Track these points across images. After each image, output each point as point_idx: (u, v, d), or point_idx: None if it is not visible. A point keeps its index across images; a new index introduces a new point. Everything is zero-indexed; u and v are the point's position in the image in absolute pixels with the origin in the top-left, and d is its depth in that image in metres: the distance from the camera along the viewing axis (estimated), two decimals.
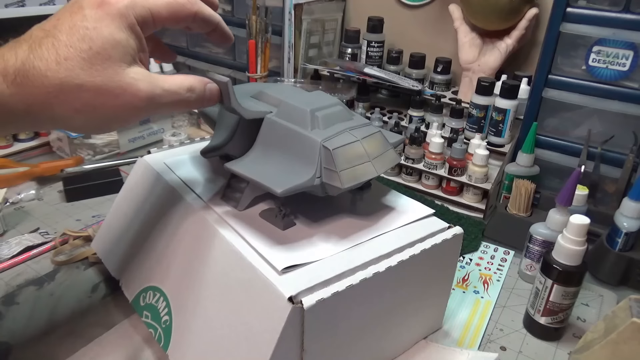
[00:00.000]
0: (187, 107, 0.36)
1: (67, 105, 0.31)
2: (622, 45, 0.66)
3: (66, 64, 0.30)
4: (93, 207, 0.73)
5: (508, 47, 0.83)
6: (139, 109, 0.33)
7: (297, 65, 0.98)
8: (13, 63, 0.30)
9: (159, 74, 0.34)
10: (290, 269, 0.38)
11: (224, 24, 0.40)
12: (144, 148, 0.91)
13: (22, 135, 0.88)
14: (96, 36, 0.31)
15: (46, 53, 0.30)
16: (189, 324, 0.42)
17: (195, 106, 0.36)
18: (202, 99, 0.36)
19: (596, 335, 0.45)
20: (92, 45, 0.31)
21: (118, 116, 0.32)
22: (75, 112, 0.31)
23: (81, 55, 0.30)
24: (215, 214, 0.45)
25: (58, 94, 0.30)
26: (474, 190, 0.74)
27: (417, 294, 0.46)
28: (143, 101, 0.32)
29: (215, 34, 0.40)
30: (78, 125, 0.33)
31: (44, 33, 0.31)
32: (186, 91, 0.35)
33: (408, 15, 0.99)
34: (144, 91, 0.32)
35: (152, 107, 0.33)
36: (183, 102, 0.35)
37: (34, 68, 0.30)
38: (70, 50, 0.30)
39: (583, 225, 0.48)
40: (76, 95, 0.30)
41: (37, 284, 0.56)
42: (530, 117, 0.73)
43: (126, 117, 0.33)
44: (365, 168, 0.42)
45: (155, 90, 0.33)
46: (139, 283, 0.48)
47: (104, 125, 0.34)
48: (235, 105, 0.40)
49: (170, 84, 0.34)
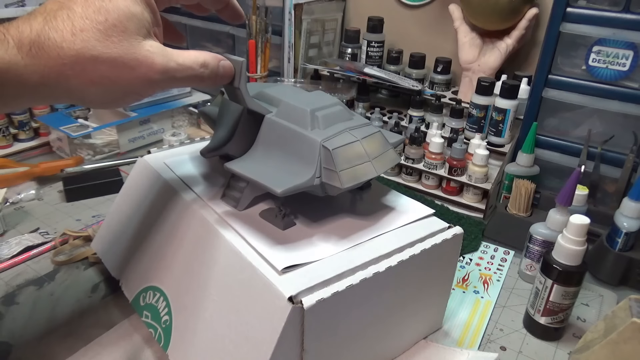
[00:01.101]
0: (201, 82, 0.36)
1: (82, 77, 0.31)
2: (622, 45, 0.66)
3: (82, 35, 0.30)
4: (93, 207, 0.73)
5: (508, 47, 0.83)
6: (153, 82, 0.33)
7: (297, 65, 0.98)
8: (28, 34, 0.30)
9: (174, 49, 0.35)
10: (290, 269, 0.38)
11: (235, 2, 0.41)
12: (144, 148, 0.91)
13: (22, 135, 0.88)
14: (112, 8, 0.31)
15: (61, 24, 0.30)
16: (189, 324, 0.42)
17: (209, 83, 0.36)
18: (216, 76, 0.36)
19: (596, 335, 0.45)
20: (108, 17, 0.31)
21: (133, 89, 0.33)
22: (90, 84, 0.31)
23: (97, 27, 0.30)
24: (215, 214, 0.45)
25: (74, 65, 0.30)
26: (474, 190, 0.74)
27: (417, 294, 0.46)
28: (158, 74, 0.32)
29: (227, 11, 0.40)
30: (93, 98, 0.32)
31: (58, 5, 0.31)
32: (200, 66, 0.35)
33: (408, 15, 0.99)
34: (159, 64, 0.32)
35: (166, 80, 0.33)
36: (197, 77, 0.35)
37: (49, 39, 0.30)
38: (86, 22, 0.30)
39: (583, 225, 0.48)
40: (92, 67, 0.30)
41: (37, 284, 0.56)
42: (530, 117, 0.73)
43: (141, 90, 0.33)
44: (365, 168, 0.42)
45: (170, 64, 0.33)
46: (138, 283, 0.48)
47: (119, 98, 0.33)
48: (242, 87, 0.40)
49: (184, 58, 0.34)
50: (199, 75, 0.35)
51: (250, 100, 0.42)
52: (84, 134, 0.84)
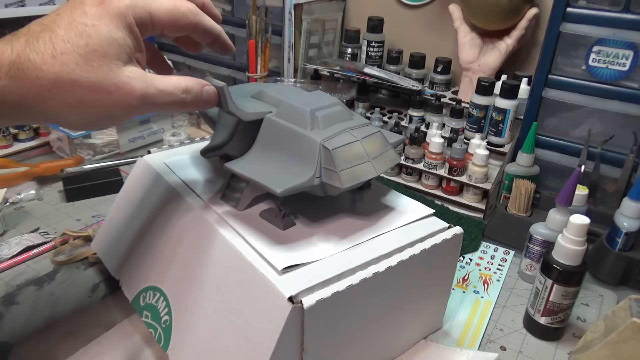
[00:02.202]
0: (183, 108, 0.36)
1: (60, 99, 0.31)
2: (622, 45, 0.66)
3: (62, 58, 0.30)
4: (93, 207, 0.73)
5: (508, 47, 0.83)
6: (132, 107, 0.33)
7: (297, 65, 0.98)
8: (8, 55, 0.30)
9: (155, 74, 0.34)
10: (290, 269, 0.38)
11: (225, 35, 0.40)
12: (144, 148, 0.91)
13: (22, 135, 0.88)
14: (94, 33, 0.31)
15: (42, 47, 0.30)
16: (189, 324, 0.42)
17: (192, 108, 0.36)
18: (199, 101, 0.36)
19: (596, 335, 0.45)
20: (90, 41, 0.31)
21: (111, 113, 0.32)
22: (67, 107, 0.31)
23: (78, 51, 0.30)
24: (215, 214, 0.45)
25: (52, 87, 0.30)
26: (474, 190, 0.74)
27: (417, 294, 0.46)
28: (136, 99, 0.32)
29: (216, 44, 0.40)
30: (70, 120, 0.32)
31: (41, 27, 0.31)
32: (182, 92, 0.35)
33: (408, 15, 0.99)
34: (138, 90, 0.32)
35: (146, 106, 0.33)
36: (178, 103, 0.35)
37: (29, 61, 0.30)
38: (67, 45, 0.30)
39: (583, 225, 0.48)
40: (70, 90, 0.31)
41: (37, 283, 0.56)
42: (530, 117, 0.73)
43: (119, 114, 0.33)
44: (365, 168, 0.42)
45: (150, 90, 0.33)
46: (138, 283, 0.48)
47: (96, 122, 0.33)
48: (232, 109, 0.40)
49: (165, 84, 0.34)
50: (180, 101, 0.35)
51: (245, 114, 0.42)
52: (83, 134, 0.84)
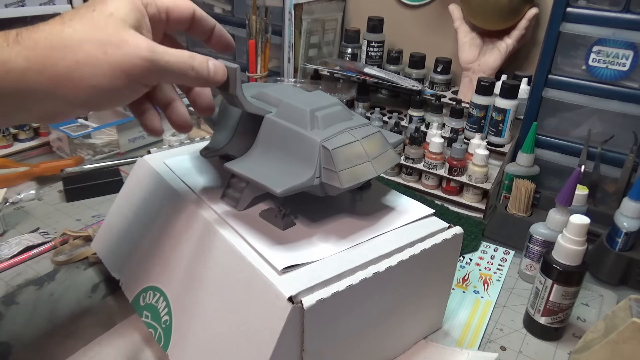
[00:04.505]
0: (191, 76, 0.36)
1: (70, 58, 0.31)
2: (622, 45, 0.66)
3: (70, 24, 0.32)
4: (93, 207, 0.73)
5: (508, 47, 0.83)
6: (141, 68, 0.33)
7: (297, 65, 0.98)
8: (15, 31, 0.31)
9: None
10: (290, 269, 0.38)
11: (223, 29, 0.41)
12: (144, 148, 0.91)
13: (22, 135, 0.88)
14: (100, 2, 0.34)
15: (52, 22, 0.32)
16: (189, 324, 0.42)
17: (200, 80, 0.36)
18: (207, 72, 0.36)
19: (596, 335, 0.45)
20: (96, 7, 0.33)
21: (123, 70, 0.32)
22: (77, 64, 0.32)
23: (86, 16, 0.33)
24: (215, 214, 0.45)
25: (63, 48, 0.31)
26: (474, 190, 0.74)
27: (417, 294, 0.46)
28: (146, 52, 0.33)
29: (214, 39, 0.41)
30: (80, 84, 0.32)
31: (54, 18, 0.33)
32: (188, 57, 0.35)
33: (408, 15, 0.99)
34: (145, 46, 0.33)
35: (154, 69, 0.33)
36: (186, 66, 0.35)
37: (38, 29, 0.31)
38: (74, 15, 0.33)
39: (583, 225, 0.48)
40: (78, 47, 0.31)
41: (37, 284, 0.56)
42: (530, 117, 0.73)
43: (131, 70, 0.33)
44: (365, 168, 0.42)
45: (157, 47, 0.33)
46: (138, 283, 0.48)
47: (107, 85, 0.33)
48: (239, 93, 0.39)
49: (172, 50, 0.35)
50: (188, 66, 0.35)
51: (248, 104, 0.42)
52: (84, 134, 0.84)
